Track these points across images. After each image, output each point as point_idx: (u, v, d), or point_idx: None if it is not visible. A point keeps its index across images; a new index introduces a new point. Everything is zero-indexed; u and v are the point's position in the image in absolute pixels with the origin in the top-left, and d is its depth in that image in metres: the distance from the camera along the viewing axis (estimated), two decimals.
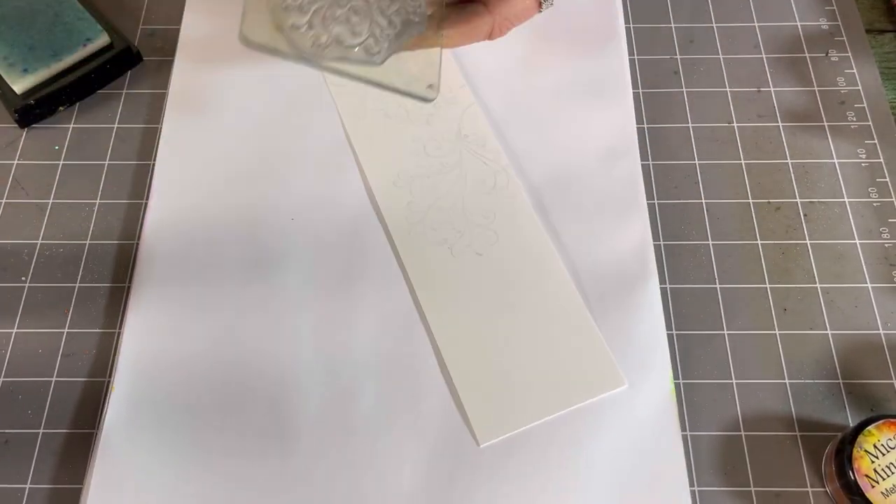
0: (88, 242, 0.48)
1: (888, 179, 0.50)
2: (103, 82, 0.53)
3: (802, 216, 0.49)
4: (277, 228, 0.48)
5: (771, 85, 0.54)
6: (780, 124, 0.52)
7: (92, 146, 0.51)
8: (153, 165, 0.50)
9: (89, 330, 0.45)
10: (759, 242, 0.48)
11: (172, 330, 0.45)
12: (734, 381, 0.44)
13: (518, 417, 0.42)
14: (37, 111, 0.51)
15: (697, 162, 0.51)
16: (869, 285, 0.47)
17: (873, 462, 0.39)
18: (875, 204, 0.49)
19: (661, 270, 0.47)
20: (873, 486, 0.38)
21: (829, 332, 0.45)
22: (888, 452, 0.39)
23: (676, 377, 0.44)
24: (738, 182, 0.50)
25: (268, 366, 0.44)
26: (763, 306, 0.46)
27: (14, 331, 0.46)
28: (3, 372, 0.44)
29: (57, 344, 0.45)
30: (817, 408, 0.43)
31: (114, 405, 0.43)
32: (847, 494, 0.39)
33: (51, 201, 0.50)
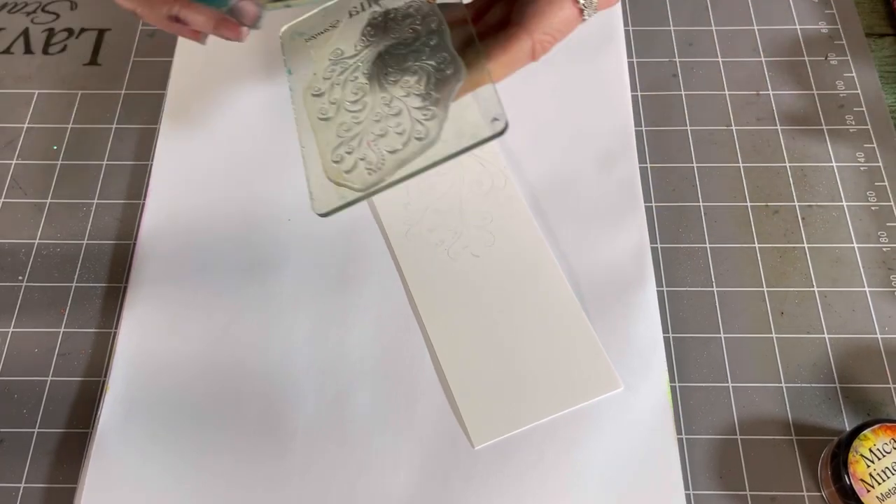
0: (85, 242, 0.48)
1: (887, 183, 0.50)
2: None
3: (800, 219, 0.49)
4: (274, 230, 0.48)
5: (770, 88, 0.53)
6: (779, 127, 0.52)
7: (90, 146, 0.52)
8: (150, 166, 0.50)
9: (85, 330, 0.45)
10: (757, 246, 0.48)
11: (168, 330, 0.45)
12: (730, 385, 0.44)
13: (513, 420, 0.42)
14: None
15: (696, 165, 0.50)
16: (866, 289, 0.46)
17: (869, 466, 0.38)
18: (873, 208, 0.49)
19: (659, 273, 0.47)
20: (869, 491, 0.38)
21: (826, 336, 0.45)
22: (884, 457, 0.39)
23: (673, 380, 0.44)
24: (737, 185, 0.50)
25: (263, 367, 0.44)
26: (760, 310, 0.46)
27: (10, 330, 0.46)
28: None
29: (53, 343, 0.45)
30: (814, 412, 0.43)
31: (108, 405, 0.43)
32: (843, 499, 0.39)
33: (48, 201, 0.50)
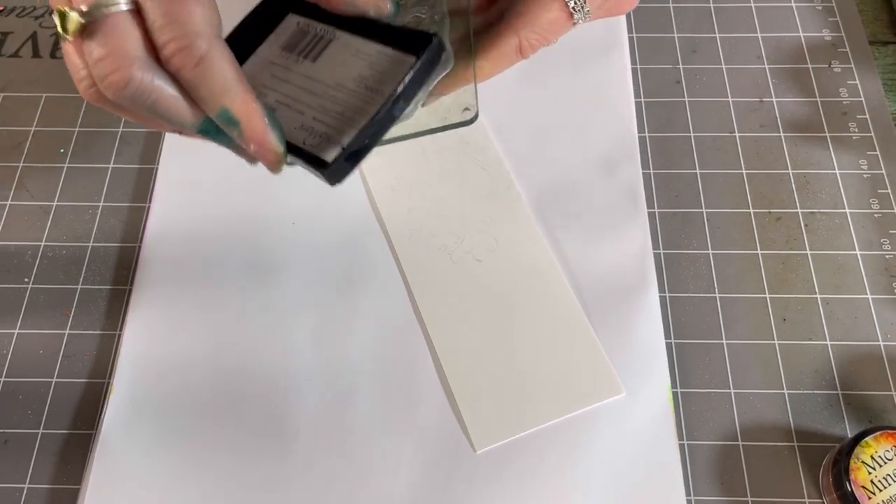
0: (91, 245, 0.49)
1: (889, 191, 0.50)
2: None
3: (803, 226, 0.49)
4: (278, 233, 0.48)
5: (773, 95, 0.54)
6: (782, 134, 0.52)
7: (96, 149, 0.52)
8: (156, 169, 0.50)
9: (90, 332, 0.46)
10: (760, 252, 0.48)
11: (172, 333, 0.45)
12: (732, 391, 0.44)
13: (515, 424, 0.42)
14: None
15: (699, 171, 0.51)
16: (869, 296, 0.46)
17: (870, 473, 0.38)
18: (876, 215, 0.49)
19: (661, 279, 0.47)
20: (870, 498, 0.38)
21: (829, 343, 0.45)
22: (885, 464, 0.39)
23: (675, 386, 0.44)
24: (739, 191, 0.50)
25: (266, 369, 0.44)
26: (762, 316, 0.46)
27: (16, 331, 0.46)
28: (5, 372, 0.45)
29: (58, 345, 0.45)
30: (815, 418, 0.43)
31: (112, 406, 0.43)
32: None
33: (55, 203, 0.50)
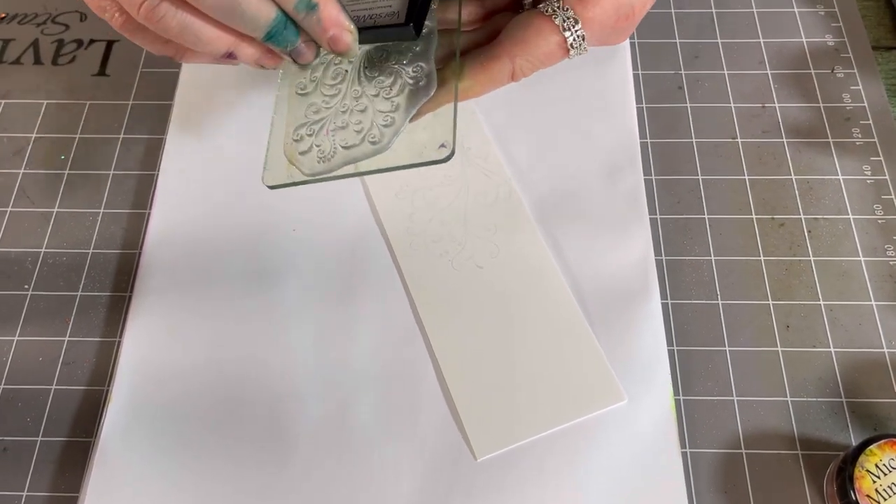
0: (91, 251, 0.48)
1: (893, 196, 0.49)
2: None
3: (806, 232, 0.48)
4: (279, 239, 0.48)
5: (776, 101, 0.53)
6: (785, 140, 0.52)
7: (97, 156, 0.52)
8: (157, 176, 0.50)
9: (89, 339, 0.46)
10: (762, 258, 0.48)
11: (172, 340, 0.45)
12: (735, 398, 0.43)
13: (516, 431, 0.42)
14: None
15: (701, 177, 0.50)
16: (873, 303, 0.46)
17: (875, 482, 0.38)
18: (880, 221, 0.49)
19: (663, 286, 0.47)
20: None
21: (833, 350, 0.45)
22: (890, 472, 0.38)
23: (677, 393, 0.44)
24: (742, 197, 0.50)
25: (267, 376, 0.44)
26: (765, 323, 0.46)
27: (15, 338, 0.46)
28: (4, 379, 0.45)
29: (57, 352, 0.45)
30: (819, 426, 0.43)
31: (111, 414, 0.43)
32: None
33: (55, 210, 0.50)
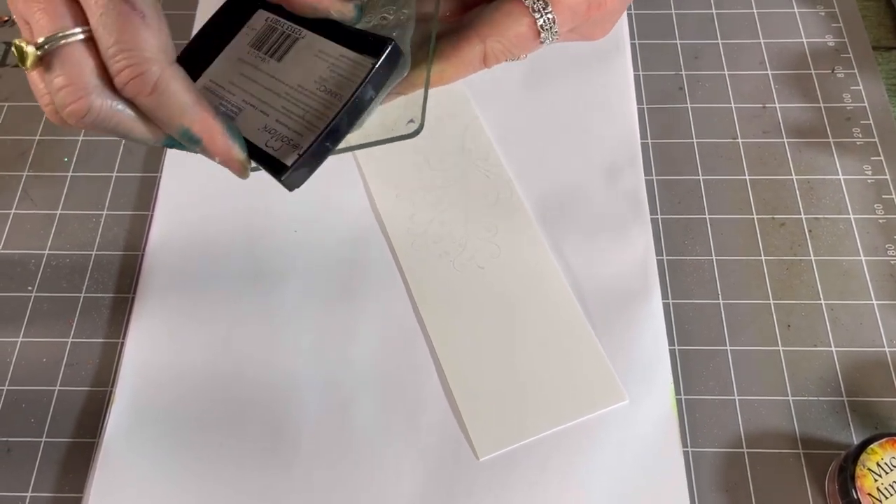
0: (94, 253, 0.49)
1: (894, 196, 0.49)
2: None
3: (807, 232, 0.49)
4: (280, 240, 0.48)
5: (776, 101, 0.53)
6: (785, 140, 0.52)
7: (100, 158, 0.52)
8: (159, 178, 0.51)
9: (93, 340, 0.46)
10: (763, 258, 0.48)
11: (175, 341, 0.45)
12: (737, 398, 0.44)
13: (518, 431, 0.42)
14: None
15: (701, 177, 0.50)
16: (874, 302, 0.46)
17: (876, 480, 0.38)
18: (881, 220, 0.49)
19: (664, 285, 0.47)
20: None
21: (834, 349, 0.45)
22: (892, 471, 0.38)
23: (678, 393, 0.44)
24: (743, 197, 0.50)
25: (268, 377, 0.44)
26: (767, 322, 0.46)
27: (19, 340, 0.46)
28: (8, 381, 0.45)
29: (61, 353, 0.46)
30: (821, 425, 0.43)
31: (115, 415, 0.43)
32: None
33: (58, 212, 0.50)
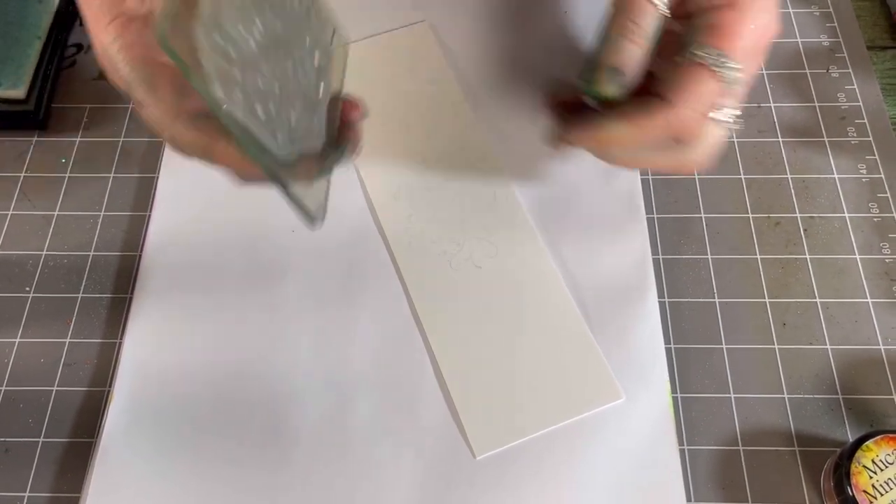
0: (92, 254, 0.49)
1: (889, 195, 0.50)
2: None
3: (802, 231, 0.49)
4: (278, 241, 0.48)
5: (771, 101, 0.54)
6: (781, 139, 0.52)
7: (98, 159, 0.52)
8: (157, 178, 0.51)
9: (91, 340, 0.46)
10: (759, 257, 0.48)
11: (172, 341, 0.45)
12: (732, 396, 0.44)
13: (515, 430, 0.42)
14: None
15: (697, 177, 0.51)
16: (869, 300, 0.46)
17: (872, 477, 0.38)
18: (875, 219, 0.49)
19: (660, 284, 0.47)
20: (871, 502, 0.38)
21: (829, 347, 0.45)
22: (887, 468, 0.38)
23: (674, 391, 0.44)
24: (738, 197, 0.50)
25: (267, 377, 0.44)
26: (762, 321, 0.46)
27: (17, 340, 0.46)
28: (6, 381, 0.45)
29: (59, 354, 0.46)
30: (816, 423, 0.43)
31: (113, 415, 0.43)
32: None
33: (56, 213, 0.50)
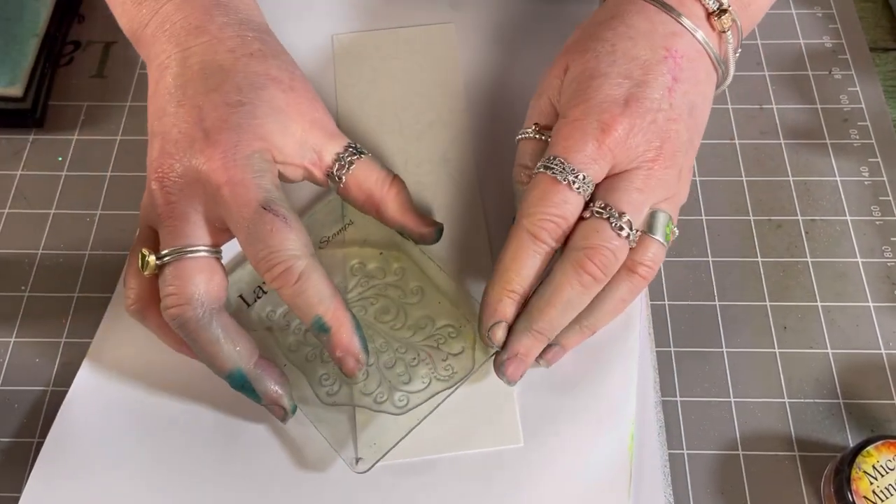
0: (88, 253, 0.48)
1: (891, 198, 0.49)
2: None
3: (804, 234, 0.48)
4: None
5: (773, 102, 0.53)
6: (783, 141, 0.52)
7: (95, 157, 0.52)
8: None
9: (87, 340, 0.45)
10: (760, 260, 0.48)
11: (144, 344, 0.44)
12: (732, 400, 0.43)
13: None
14: None
15: (698, 178, 0.50)
16: (870, 304, 0.46)
17: (872, 483, 0.38)
18: (877, 222, 0.49)
19: (661, 287, 0.47)
20: None
21: (830, 351, 0.45)
22: (887, 473, 0.38)
23: (674, 395, 0.43)
24: (740, 199, 0.50)
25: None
26: (763, 324, 0.46)
27: (12, 339, 0.46)
28: (0, 381, 0.45)
29: (54, 353, 0.45)
30: (817, 428, 0.43)
31: (63, 414, 0.42)
32: None
33: (52, 211, 0.50)
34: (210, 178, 0.38)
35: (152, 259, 0.38)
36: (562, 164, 0.38)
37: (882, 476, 0.38)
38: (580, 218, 0.39)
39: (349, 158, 0.42)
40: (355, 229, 0.45)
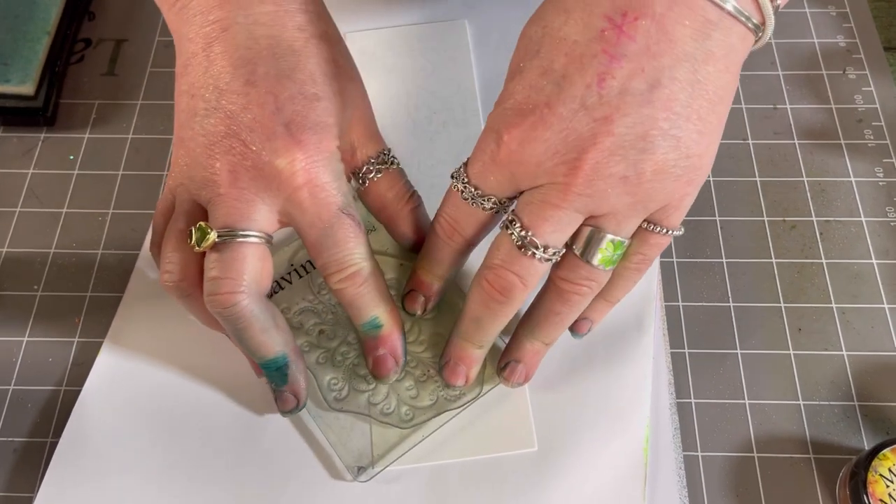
0: (100, 252, 0.48)
1: None
2: None
3: (818, 234, 0.48)
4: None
5: (787, 102, 0.53)
6: (797, 142, 0.52)
7: (107, 156, 0.52)
8: (165, 176, 0.50)
9: (99, 339, 0.45)
10: (774, 261, 0.47)
11: (159, 341, 0.44)
12: (747, 402, 0.43)
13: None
14: None
15: (712, 179, 0.50)
16: (886, 306, 0.46)
17: (888, 486, 0.38)
18: (892, 223, 0.48)
19: (675, 288, 0.47)
20: None
21: (845, 353, 0.45)
22: None
23: (688, 396, 0.43)
24: (753, 199, 0.49)
25: (248, 386, 0.43)
26: (777, 326, 0.45)
27: (25, 339, 0.46)
28: (14, 380, 0.45)
29: (67, 353, 0.45)
30: (832, 430, 0.43)
31: (77, 415, 0.42)
32: None
33: (64, 210, 0.50)
34: (291, 181, 0.36)
35: (213, 234, 0.35)
36: (459, 173, 0.38)
37: None
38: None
39: (379, 166, 0.41)
40: (377, 237, 0.45)
